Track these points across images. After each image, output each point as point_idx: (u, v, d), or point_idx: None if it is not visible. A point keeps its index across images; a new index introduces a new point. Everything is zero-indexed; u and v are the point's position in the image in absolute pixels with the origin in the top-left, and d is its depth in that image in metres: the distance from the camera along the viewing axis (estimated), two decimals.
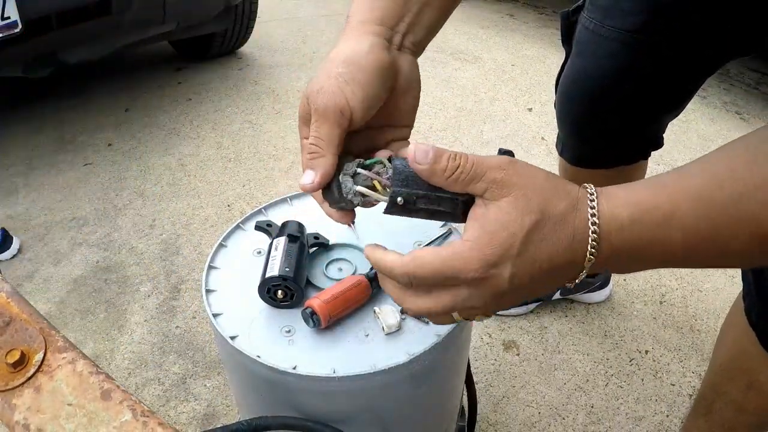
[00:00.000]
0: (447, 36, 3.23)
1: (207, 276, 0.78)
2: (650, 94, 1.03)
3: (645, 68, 0.98)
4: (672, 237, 0.45)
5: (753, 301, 0.82)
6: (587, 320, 1.55)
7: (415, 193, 0.48)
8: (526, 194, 0.46)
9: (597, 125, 1.11)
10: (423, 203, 0.49)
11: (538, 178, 0.48)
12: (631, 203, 0.45)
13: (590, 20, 1.00)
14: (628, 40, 0.96)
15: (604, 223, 0.45)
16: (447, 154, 0.47)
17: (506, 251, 0.45)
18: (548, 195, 0.46)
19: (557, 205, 0.46)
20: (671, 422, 1.30)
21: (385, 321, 0.69)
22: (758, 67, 2.89)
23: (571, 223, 0.46)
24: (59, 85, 2.76)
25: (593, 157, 1.19)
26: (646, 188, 0.46)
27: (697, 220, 0.44)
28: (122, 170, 2.19)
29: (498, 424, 1.30)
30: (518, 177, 0.47)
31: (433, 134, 2.35)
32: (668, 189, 0.45)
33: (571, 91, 1.10)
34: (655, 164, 2.10)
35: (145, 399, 1.36)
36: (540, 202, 0.46)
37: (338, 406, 0.69)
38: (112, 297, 1.65)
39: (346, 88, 0.54)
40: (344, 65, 0.55)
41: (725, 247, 0.45)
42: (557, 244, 0.46)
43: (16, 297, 0.54)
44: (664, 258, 0.47)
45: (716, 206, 0.43)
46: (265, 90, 2.71)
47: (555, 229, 0.46)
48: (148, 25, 2.27)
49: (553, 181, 0.48)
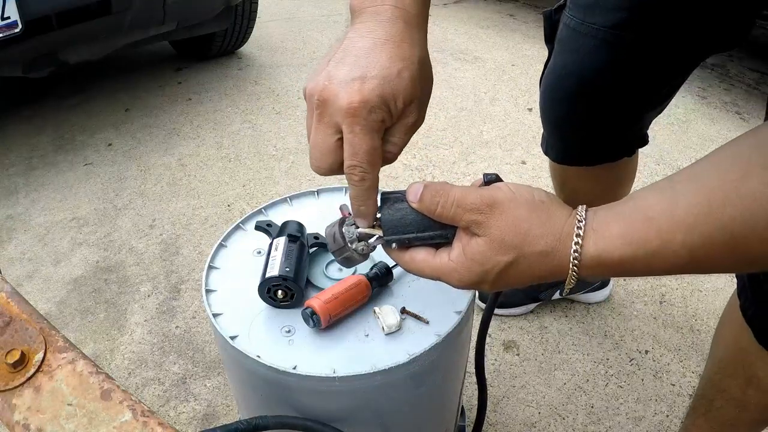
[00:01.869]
0: (447, 36, 3.23)
1: (207, 276, 0.78)
2: (632, 91, 1.03)
3: (626, 65, 0.98)
4: (662, 266, 0.46)
5: (748, 297, 0.82)
6: (587, 320, 1.55)
7: (406, 237, 0.54)
8: (502, 236, 0.48)
9: (579, 123, 1.11)
10: (417, 242, 0.55)
11: (519, 212, 0.49)
12: (624, 242, 0.46)
13: (572, 18, 1.00)
14: (609, 38, 0.95)
15: (586, 265, 0.47)
16: (429, 195, 0.51)
17: (482, 278, 0.50)
18: (528, 233, 0.48)
19: (536, 244, 0.48)
20: (671, 422, 1.30)
21: (385, 321, 0.69)
22: (758, 67, 2.89)
23: (551, 260, 0.48)
24: (59, 85, 2.76)
25: (577, 155, 1.19)
26: (642, 222, 0.45)
27: (687, 250, 0.44)
28: (122, 170, 2.19)
29: (498, 424, 1.29)
30: (495, 219, 0.49)
31: (433, 134, 2.35)
32: (658, 222, 0.45)
33: (553, 90, 1.10)
34: (655, 164, 2.10)
35: (145, 399, 1.36)
36: (517, 242, 0.48)
37: (338, 406, 0.69)
38: (112, 297, 1.65)
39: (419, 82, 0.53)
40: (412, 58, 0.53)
41: (713, 267, 0.46)
42: (535, 275, 0.50)
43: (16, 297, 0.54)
44: (651, 275, 0.48)
45: (707, 235, 0.43)
46: (265, 90, 2.71)
47: (532, 265, 0.49)
48: (148, 25, 2.27)
49: (538, 214, 0.49)
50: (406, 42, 0.53)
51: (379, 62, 0.51)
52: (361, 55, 0.52)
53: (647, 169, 2.06)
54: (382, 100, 0.50)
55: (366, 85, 0.50)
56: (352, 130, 0.51)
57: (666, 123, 2.33)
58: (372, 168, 0.53)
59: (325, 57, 0.54)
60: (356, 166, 0.52)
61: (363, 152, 0.51)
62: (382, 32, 0.52)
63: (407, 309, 0.72)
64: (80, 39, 2.11)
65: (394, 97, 0.51)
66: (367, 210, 0.56)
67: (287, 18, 3.53)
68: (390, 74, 0.51)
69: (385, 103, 0.51)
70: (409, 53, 0.53)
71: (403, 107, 0.53)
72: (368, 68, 0.51)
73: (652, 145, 1.25)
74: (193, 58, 2.98)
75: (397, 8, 0.53)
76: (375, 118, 0.51)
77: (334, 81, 0.51)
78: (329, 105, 0.51)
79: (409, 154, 2.22)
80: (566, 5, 1.03)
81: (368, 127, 0.51)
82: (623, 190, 1.37)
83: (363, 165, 0.52)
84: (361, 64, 0.51)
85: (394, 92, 0.51)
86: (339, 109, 0.51)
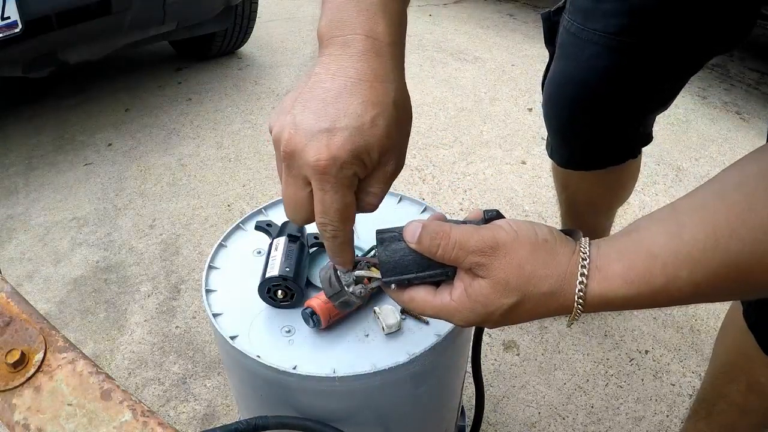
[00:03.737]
0: (447, 36, 3.23)
1: (207, 276, 0.78)
2: (635, 96, 1.03)
3: (628, 70, 0.98)
4: (667, 300, 0.46)
5: (750, 304, 0.82)
6: (587, 320, 1.55)
7: (406, 278, 0.52)
8: (507, 278, 0.47)
9: (582, 128, 1.11)
10: (416, 281, 0.53)
11: (522, 253, 0.48)
12: (628, 281, 0.45)
13: (572, 23, 1.00)
14: (610, 43, 0.95)
15: (591, 303, 0.47)
16: (428, 237, 0.50)
17: (486, 319, 0.50)
18: (532, 275, 0.47)
19: (541, 285, 0.47)
20: (671, 422, 1.30)
21: (385, 321, 0.69)
22: (758, 67, 2.89)
23: (555, 300, 0.48)
24: (59, 85, 2.76)
25: (581, 159, 1.19)
26: (646, 259, 0.45)
27: (692, 285, 0.44)
28: (122, 170, 2.19)
29: (498, 424, 1.29)
30: (499, 261, 0.48)
31: (433, 134, 2.35)
32: (662, 260, 0.44)
33: (556, 96, 1.10)
34: (656, 164, 2.10)
35: (145, 399, 1.36)
36: (521, 284, 0.47)
37: (338, 406, 0.69)
38: (112, 297, 1.65)
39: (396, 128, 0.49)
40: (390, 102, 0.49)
41: (717, 298, 0.47)
42: (540, 313, 0.49)
43: (16, 297, 0.54)
44: (656, 307, 0.50)
45: (713, 269, 0.43)
46: (265, 90, 2.71)
47: (537, 305, 0.48)
48: (148, 25, 2.27)
49: (541, 254, 0.48)
50: (380, 81, 0.48)
51: (349, 109, 0.46)
52: (329, 100, 0.47)
53: (647, 169, 2.06)
54: (353, 154, 0.46)
55: (334, 139, 0.46)
56: (321, 188, 0.47)
57: (666, 123, 2.33)
58: (344, 225, 0.50)
59: (291, 94, 0.50)
60: (327, 224, 0.50)
61: (333, 210, 0.48)
62: (352, 70, 0.47)
63: None
64: (80, 39, 2.11)
65: (368, 149, 0.47)
66: (343, 261, 0.55)
67: (287, 18, 3.53)
68: (362, 124, 0.46)
69: (356, 157, 0.47)
70: (384, 95, 0.48)
71: (379, 157, 0.49)
72: (337, 117, 0.46)
73: (652, 145, 1.25)
74: (193, 58, 2.98)
75: (369, 38, 0.48)
76: (346, 174, 0.47)
77: (300, 131, 0.47)
78: (296, 158, 0.47)
79: (410, 154, 2.21)
80: (566, 8, 1.03)
81: (338, 184, 0.47)
82: (625, 191, 1.37)
83: (334, 223, 0.49)
84: (329, 111, 0.46)
85: (367, 144, 0.47)
86: (306, 164, 0.47)
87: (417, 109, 2.52)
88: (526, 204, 1.96)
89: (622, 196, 1.38)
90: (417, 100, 2.60)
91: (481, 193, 2.01)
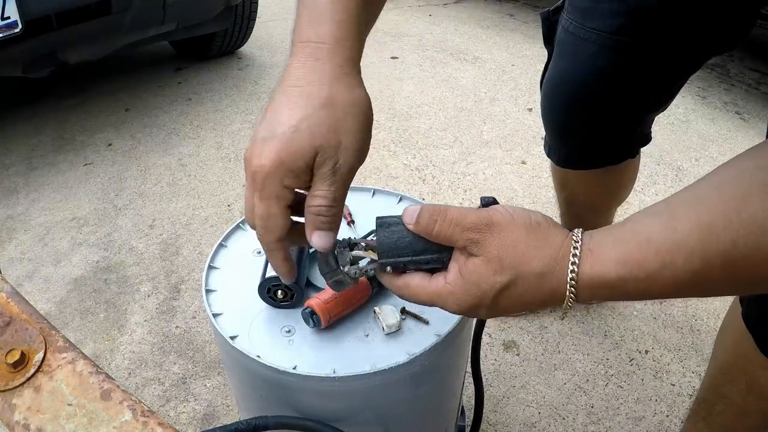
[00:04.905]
0: (447, 36, 3.23)
1: (207, 276, 0.78)
2: (633, 96, 1.02)
3: (627, 70, 0.97)
4: (660, 289, 0.45)
5: (750, 305, 0.82)
6: (587, 320, 1.55)
7: (402, 260, 0.53)
8: (499, 255, 0.48)
9: (580, 128, 1.11)
10: (412, 266, 0.53)
11: (516, 234, 0.48)
12: (620, 262, 0.45)
13: (570, 22, 1.00)
14: (608, 42, 0.95)
15: (583, 286, 0.47)
16: (427, 214, 0.50)
17: (480, 301, 0.49)
18: (525, 254, 0.48)
19: (533, 265, 0.47)
20: (671, 422, 1.30)
21: (385, 321, 0.69)
22: (758, 67, 2.89)
23: (548, 282, 0.48)
24: (59, 85, 2.76)
25: (579, 159, 1.19)
26: (641, 244, 0.45)
27: (688, 273, 0.44)
28: (122, 170, 2.19)
29: (498, 424, 1.29)
30: (493, 238, 0.48)
31: (433, 134, 2.35)
32: (656, 245, 0.44)
33: (554, 95, 1.10)
34: (655, 164, 2.10)
35: (145, 399, 1.36)
36: (514, 262, 0.48)
37: (338, 406, 0.69)
38: (112, 297, 1.65)
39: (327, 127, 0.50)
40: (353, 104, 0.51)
41: (712, 291, 0.46)
42: (532, 297, 0.49)
43: (16, 297, 0.54)
44: (649, 298, 0.48)
45: (707, 259, 0.43)
46: (265, 90, 2.71)
47: (529, 287, 0.48)
48: (148, 25, 2.27)
49: (535, 236, 0.48)
50: (311, 84, 0.50)
51: (281, 119, 0.49)
52: (272, 110, 0.51)
53: (647, 169, 2.06)
54: (275, 163, 0.49)
55: (265, 149, 0.49)
56: (253, 196, 0.51)
57: (666, 123, 2.33)
58: (267, 233, 0.52)
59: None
60: (259, 234, 0.53)
61: (258, 218, 0.51)
62: (291, 78, 0.51)
63: (407, 309, 0.72)
64: (80, 39, 2.11)
65: (292, 155, 0.49)
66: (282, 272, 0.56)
67: (287, 18, 3.52)
68: (284, 132, 0.49)
69: (279, 166, 0.49)
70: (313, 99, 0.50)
71: (311, 160, 0.49)
72: (272, 127, 0.49)
73: (652, 145, 1.25)
74: (193, 58, 2.98)
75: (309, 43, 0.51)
76: (272, 184, 0.49)
77: (252, 142, 0.51)
78: (245, 168, 0.52)
79: (409, 154, 2.22)
80: (564, 7, 1.03)
81: (265, 193, 0.50)
82: (624, 191, 1.37)
83: (261, 231, 0.52)
84: (268, 122, 0.50)
85: (290, 150, 0.49)
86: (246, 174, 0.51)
87: (417, 109, 2.52)
88: (525, 204, 1.96)
89: (621, 196, 1.38)
90: (417, 100, 2.60)
91: (480, 192, 2.01)
